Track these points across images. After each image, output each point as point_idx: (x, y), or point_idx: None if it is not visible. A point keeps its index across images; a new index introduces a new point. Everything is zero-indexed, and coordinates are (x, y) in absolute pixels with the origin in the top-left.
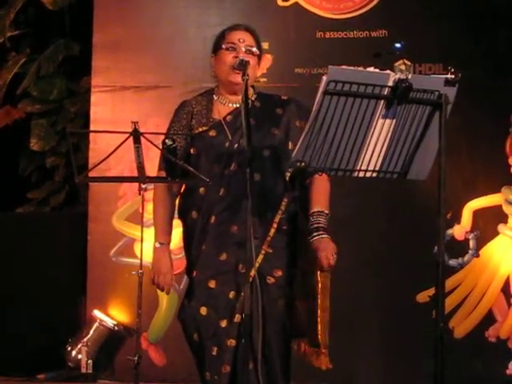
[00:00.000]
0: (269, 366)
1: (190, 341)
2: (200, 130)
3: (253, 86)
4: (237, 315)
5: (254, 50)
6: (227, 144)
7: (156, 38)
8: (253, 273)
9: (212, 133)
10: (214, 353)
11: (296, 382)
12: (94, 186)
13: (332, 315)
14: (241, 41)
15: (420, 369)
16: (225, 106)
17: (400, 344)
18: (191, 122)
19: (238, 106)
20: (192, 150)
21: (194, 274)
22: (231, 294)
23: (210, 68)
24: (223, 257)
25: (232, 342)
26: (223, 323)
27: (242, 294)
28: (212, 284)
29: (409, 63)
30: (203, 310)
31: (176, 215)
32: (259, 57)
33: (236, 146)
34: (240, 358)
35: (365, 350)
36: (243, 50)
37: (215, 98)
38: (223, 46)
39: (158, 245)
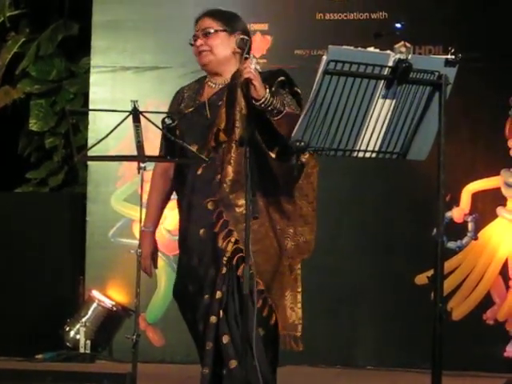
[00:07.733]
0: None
1: (185, 318)
2: (186, 111)
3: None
4: (218, 292)
5: (211, 30)
6: (206, 123)
7: (156, 18)
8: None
9: (194, 113)
10: (201, 328)
11: (293, 363)
12: (93, 166)
13: (331, 297)
14: (197, 29)
15: (418, 350)
16: (212, 88)
17: (398, 325)
18: (180, 106)
19: (222, 86)
20: (178, 132)
21: (180, 251)
22: (212, 271)
23: None
24: (202, 233)
25: (213, 319)
26: (206, 299)
27: (223, 270)
28: (195, 261)
29: (409, 45)
30: (190, 288)
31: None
32: (228, 32)
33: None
34: (220, 333)
35: (363, 331)
36: (200, 36)
37: (206, 81)
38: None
39: (143, 228)
